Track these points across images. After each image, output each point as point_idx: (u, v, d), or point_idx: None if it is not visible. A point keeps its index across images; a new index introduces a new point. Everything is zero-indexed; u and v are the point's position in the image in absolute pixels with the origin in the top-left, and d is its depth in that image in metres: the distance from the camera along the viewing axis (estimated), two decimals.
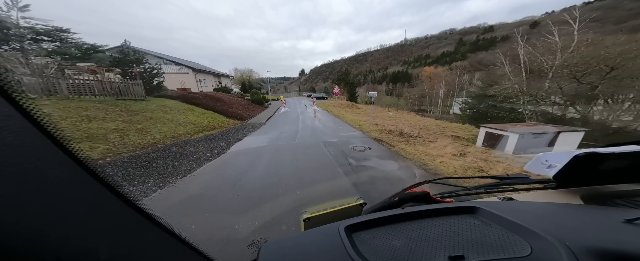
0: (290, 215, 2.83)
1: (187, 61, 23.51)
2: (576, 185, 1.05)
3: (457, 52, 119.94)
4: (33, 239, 0.26)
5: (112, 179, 0.40)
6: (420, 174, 4.49)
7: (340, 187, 3.78)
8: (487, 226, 0.66)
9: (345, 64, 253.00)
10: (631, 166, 0.96)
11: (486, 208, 0.73)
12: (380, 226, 0.71)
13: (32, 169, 0.28)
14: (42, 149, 0.30)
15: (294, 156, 5.60)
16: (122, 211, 0.41)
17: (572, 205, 0.86)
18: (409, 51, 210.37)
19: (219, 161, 5.24)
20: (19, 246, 0.25)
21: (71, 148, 0.34)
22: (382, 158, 5.60)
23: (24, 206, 0.26)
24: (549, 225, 0.62)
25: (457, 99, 42.80)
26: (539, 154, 1.11)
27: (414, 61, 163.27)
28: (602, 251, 0.50)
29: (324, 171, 4.54)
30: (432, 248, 0.58)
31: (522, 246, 0.55)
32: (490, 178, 1.30)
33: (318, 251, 0.60)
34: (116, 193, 0.39)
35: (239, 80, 42.33)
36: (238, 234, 2.44)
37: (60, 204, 0.30)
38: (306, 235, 0.71)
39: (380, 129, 9.72)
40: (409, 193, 1.00)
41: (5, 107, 0.27)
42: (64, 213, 0.31)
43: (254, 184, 3.85)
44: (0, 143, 0.26)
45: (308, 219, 0.87)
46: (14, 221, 0.25)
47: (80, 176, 0.35)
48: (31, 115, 0.30)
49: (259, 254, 0.62)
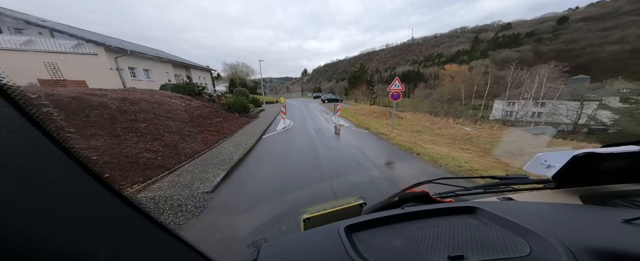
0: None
1: (97, 35, 12.99)
2: (575, 185, 1.05)
3: (475, 50, 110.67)
4: (32, 239, 0.26)
5: (112, 179, 0.39)
6: None
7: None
8: (486, 226, 0.66)
9: (350, 64, 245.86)
10: (630, 166, 0.96)
11: (485, 208, 0.73)
12: (380, 226, 0.71)
13: (31, 169, 0.28)
14: (42, 149, 0.30)
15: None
16: (122, 211, 0.40)
17: (571, 205, 0.87)
18: (417, 50, 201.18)
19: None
20: (18, 247, 0.25)
21: (71, 148, 0.33)
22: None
23: (23, 206, 0.26)
24: (548, 224, 0.62)
25: (526, 102, 34.20)
26: (538, 154, 1.11)
27: (424, 60, 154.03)
28: (601, 251, 0.50)
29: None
30: (431, 248, 0.58)
31: (521, 246, 0.55)
32: (490, 178, 1.30)
33: (318, 251, 0.61)
34: (116, 193, 0.39)
35: (229, 77, 34.03)
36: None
37: (59, 204, 0.30)
38: (306, 235, 0.72)
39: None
40: (409, 193, 1.00)
41: (5, 108, 0.27)
42: (63, 213, 0.30)
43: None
44: (0, 143, 0.25)
45: (308, 219, 0.87)
46: (13, 221, 0.25)
47: (80, 176, 0.35)
48: (31, 115, 0.29)
49: (258, 254, 0.63)
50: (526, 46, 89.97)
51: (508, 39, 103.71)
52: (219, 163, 5.13)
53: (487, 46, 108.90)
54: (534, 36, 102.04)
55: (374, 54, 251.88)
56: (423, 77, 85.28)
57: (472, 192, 1.22)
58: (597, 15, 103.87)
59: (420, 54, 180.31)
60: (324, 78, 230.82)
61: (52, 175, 0.31)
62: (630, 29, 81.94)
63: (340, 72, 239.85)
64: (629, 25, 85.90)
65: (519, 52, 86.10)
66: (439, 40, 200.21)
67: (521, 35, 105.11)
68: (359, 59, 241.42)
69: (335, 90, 76.61)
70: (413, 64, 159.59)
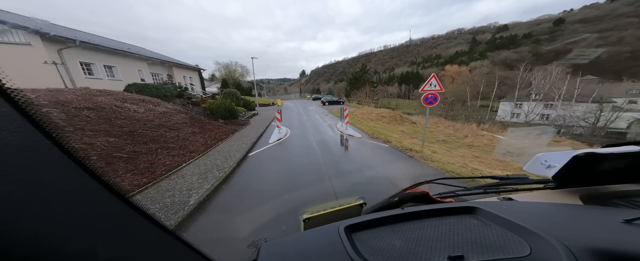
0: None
1: (34, 21, 9.15)
2: (575, 185, 1.04)
3: (473, 51, 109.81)
4: (32, 239, 0.26)
5: (112, 179, 0.39)
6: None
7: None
8: (486, 226, 0.66)
9: (348, 65, 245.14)
10: (630, 166, 0.95)
11: (486, 208, 0.72)
12: (380, 227, 0.71)
13: (31, 169, 0.28)
14: (41, 149, 0.30)
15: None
16: (122, 211, 0.40)
17: (571, 205, 0.87)
18: (415, 51, 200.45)
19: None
20: (17, 247, 0.25)
21: (71, 148, 0.33)
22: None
23: (23, 206, 0.26)
24: (548, 225, 0.62)
25: (532, 102, 32.46)
26: (538, 154, 1.10)
27: (423, 61, 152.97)
28: (601, 251, 0.50)
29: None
30: (431, 248, 0.58)
31: (521, 246, 0.55)
32: (490, 178, 1.29)
33: (318, 251, 0.60)
34: (115, 193, 0.39)
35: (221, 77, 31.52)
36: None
37: (59, 204, 0.30)
38: (306, 235, 0.72)
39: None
40: (409, 193, 0.99)
41: (5, 108, 0.27)
42: (63, 213, 0.30)
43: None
44: (0, 143, 0.25)
45: (308, 219, 0.87)
46: (13, 221, 0.25)
47: (80, 176, 0.34)
48: (31, 115, 0.29)
49: (258, 254, 0.63)
50: (524, 47, 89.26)
51: (506, 40, 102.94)
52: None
53: (485, 47, 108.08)
54: (532, 37, 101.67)
55: (372, 55, 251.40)
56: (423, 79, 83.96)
57: (472, 192, 1.22)
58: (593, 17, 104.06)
59: (419, 55, 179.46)
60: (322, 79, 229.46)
61: (52, 175, 0.30)
62: (627, 31, 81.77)
63: (339, 73, 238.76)
64: (626, 27, 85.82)
65: (517, 53, 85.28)
66: (437, 42, 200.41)
67: (519, 36, 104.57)
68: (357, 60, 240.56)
69: (335, 91, 74.40)
70: (411, 65, 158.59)
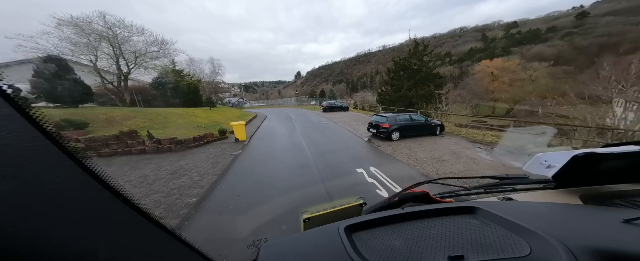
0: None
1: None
2: (575, 185, 1.04)
3: (494, 46, 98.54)
4: (32, 239, 0.26)
5: (112, 179, 0.39)
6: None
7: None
8: (486, 226, 0.65)
9: (346, 66, 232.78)
10: (630, 166, 0.95)
11: (486, 208, 0.72)
12: (380, 226, 0.71)
13: (31, 169, 0.28)
14: (41, 149, 0.30)
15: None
16: (122, 211, 0.40)
17: (571, 205, 0.86)
18: None
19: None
20: (18, 246, 0.25)
21: (70, 148, 0.33)
22: None
23: (23, 206, 0.26)
24: (548, 224, 0.62)
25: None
26: (538, 154, 1.10)
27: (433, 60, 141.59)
28: (600, 251, 0.50)
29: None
30: (431, 248, 0.58)
31: (521, 246, 0.55)
32: (490, 178, 1.29)
33: (318, 251, 0.61)
34: (115, 193, 0.39)
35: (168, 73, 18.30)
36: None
37: (59, 204, 0.30)
38: (306, 235, 0.72)
39: None
40: (409, 193, 0.99)
41: (5, 108, 0.27)
42: (63, 213, 0.30)
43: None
44: (0, 143, 0.25)
45: (308, 219, 0.87)
46: (13, 221, 0.25)
47: (80, 176, 0.34)
48: (30, 115, 0.29)
49: (258, 254, 0.63)
50: (559, 41, 78.09)
51: (531, 34, 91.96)
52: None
53: (506, 42, 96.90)
54: (556, 31, 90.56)
55: (372, 55, 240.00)
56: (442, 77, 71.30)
57: (472, 192, 1.22)
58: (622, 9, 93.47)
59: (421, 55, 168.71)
60: (318, 81, 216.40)
61: (52, 175, 0.30)
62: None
63: (337, 74, 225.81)
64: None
65: (552, 47, 74.00)
66: (441, 40, 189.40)
67: (542, 30, 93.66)
68: (356, 60, 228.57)
69: (337, 93, 62.04)
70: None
